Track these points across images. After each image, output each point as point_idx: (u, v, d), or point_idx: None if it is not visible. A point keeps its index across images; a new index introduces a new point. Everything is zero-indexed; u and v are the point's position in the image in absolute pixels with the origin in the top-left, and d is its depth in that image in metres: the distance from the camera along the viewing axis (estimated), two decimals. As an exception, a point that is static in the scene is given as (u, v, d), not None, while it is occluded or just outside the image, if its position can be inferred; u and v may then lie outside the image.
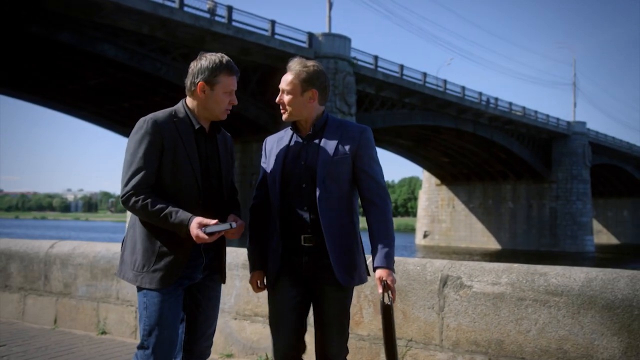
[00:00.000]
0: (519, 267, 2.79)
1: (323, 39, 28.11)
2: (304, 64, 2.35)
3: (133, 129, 2.29)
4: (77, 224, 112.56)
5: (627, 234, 62.37)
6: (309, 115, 2.37)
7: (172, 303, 2.28)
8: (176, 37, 23.79)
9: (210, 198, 2.35)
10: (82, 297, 4.47)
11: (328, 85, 2.41)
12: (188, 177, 2.28)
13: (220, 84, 2.31)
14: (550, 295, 2.60)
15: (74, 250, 4.59)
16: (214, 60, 2.32)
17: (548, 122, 44.68)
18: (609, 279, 2.51)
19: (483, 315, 2.76)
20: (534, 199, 46.78)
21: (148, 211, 2.19)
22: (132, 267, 2.28)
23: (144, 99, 27.95)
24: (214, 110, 2.35)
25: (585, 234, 45.17)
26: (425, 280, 2.96)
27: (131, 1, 21.51)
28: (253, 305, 3.58)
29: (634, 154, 55.83)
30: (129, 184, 2.22)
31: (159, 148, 2.24)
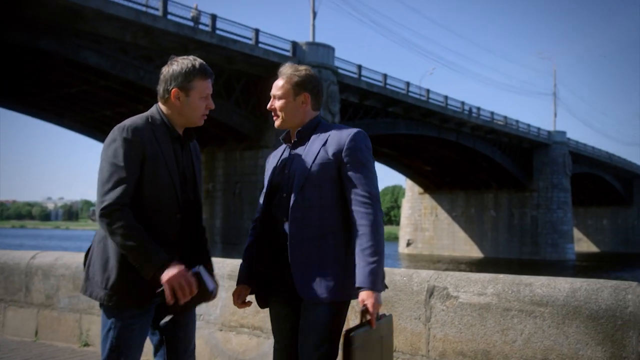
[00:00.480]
0: (504, 277, 2.81)
1: (307, 48, 28.22)
2: (295, 68, 2.29)
3: (110, 136, 2.13)
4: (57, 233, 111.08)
5: (607, 242, 63.20)
6: (301, 121, 2.29)
7: (143, 324, 2.16)
8: (159, 45, 23.70)
9: (187, 211, 2.24)
10: (64, 308, 4.40)
11: (321, 90, 2.34)
12: (168, 189, 2.16)
13: (196, 89, 2.18)
14: (536, 305, 2.62)
15: (56, 261, 4.52)
16: (187, 65, 2.17)
17: (529, 131, 45.23)
18: (593, 289, 2.54)
19: (469, 326, 2.78)
20: (515, 208, 47.24)
21: (127, 235, 2.01)
22: (104, 286, 2.10)
23: (127, 107, 27.76)
24: (190, 116, 2.23)
25: (566, 242, 45.70)
26: (411, 291, 2.96)
27: (113, 8, 21.43)
28: (239, 316, 3.56)
29: (612, 163, 56.69)
30: (110, 196, 2.03)
31: (140, 157, 2.09)
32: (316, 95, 2.31)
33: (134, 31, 22.80)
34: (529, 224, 46.40)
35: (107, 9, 21.11)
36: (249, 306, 2.34)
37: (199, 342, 3.66)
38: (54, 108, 30.91)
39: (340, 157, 2.16)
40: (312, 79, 2.29)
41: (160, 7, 23.25)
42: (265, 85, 29.60)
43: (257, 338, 3.46)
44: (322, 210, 2.15)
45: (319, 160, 2.17)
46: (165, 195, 2.16)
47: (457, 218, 50.23)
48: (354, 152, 2.16)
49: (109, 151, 2.11)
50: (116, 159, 2.08)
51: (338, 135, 2.21)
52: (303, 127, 2.29)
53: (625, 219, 62.84)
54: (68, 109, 30.56)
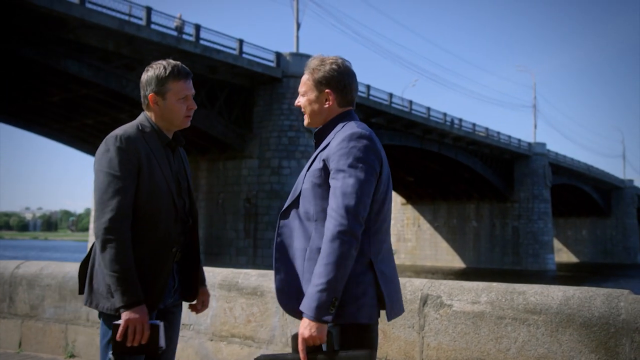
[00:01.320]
0: (498, 285, 2.83)
1: (291, 58, 28.27)
2: (320, 61, 2.09)
3: (102, 146, 2.11)
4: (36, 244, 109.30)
5: (586, 253, 63.94)
6: (325, 120, 2.10)
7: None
8: (142, 55, 23.58)
9: (184, 217, 2.23)
10: (50, 319, 4.33)
11: (349, 84, 2.10)
12: (165, 196, 2.14)
13: (172, 92, 2.17)
14: (530, 313, 2.64)
15: (41, 271, 4.45)
16: (159, 69, 2.17)
17: (510, 143, 45.69)
18: (585, 297, 2.56)
19: (463, 334, 2.79)
20: (497, 218, 47.61)
21: (120, 255, 2.00)
22: (110, 296, 2.05)
23: (109, 116, 27.58)
24: (172, 119, 2.21)
25: (547, 252, 46.11)
26: (405, 300, 2.96)
27: (97, 17, 21.30)
28: (230, 326, 3.53)
29: (591, 174, 57.47)
30: (113, 207, 2.01)
31: (136, 165, 2.08)
32: (342, 90, 2.09)
33: (117, 40, 22.69)
34: (510, 234, 46.77)
35: (90, 18, 20.98)
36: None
37: (189, 352, 3.63)
38: (34, 117, 30.56)
39: (328, 164, 1.96)
40: (337, 73, 2.07)
41: (144, 17, 23.18)
42: (249, 95, 29.75)
43: (249, 348, 3.43)
44: (307, 224, 1.99)
45: (313, 168, 2.02)
46: (163, 203, 2.14)
47: (440, 228, 50.49)
48: (337, 158, 1.94)
49: (103, 161, 2.08)
50: (112, 169, 2.06)
51: (335, 138, 2.00)
52: (320, 128, 2.12)
53: (603, 230, 63.67)
54: (49, 117, 30.23)
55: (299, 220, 2.01)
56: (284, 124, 27.57)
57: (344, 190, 1.89)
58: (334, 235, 1.85)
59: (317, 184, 1.98)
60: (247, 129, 28.08)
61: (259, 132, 27.88)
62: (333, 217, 1.88)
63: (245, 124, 27.94)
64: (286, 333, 3.32)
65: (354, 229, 1.87)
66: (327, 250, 1.85)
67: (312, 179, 2.00)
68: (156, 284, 2.12)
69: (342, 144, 1.96)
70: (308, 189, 2.00)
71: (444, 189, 48.51)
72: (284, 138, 27.46)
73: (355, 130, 2.00)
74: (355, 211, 1.87)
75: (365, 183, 1.93)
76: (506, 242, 46.87)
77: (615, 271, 49.18)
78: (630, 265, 58.46)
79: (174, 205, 2.17)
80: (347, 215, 1.86)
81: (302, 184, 2.05)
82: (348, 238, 1.86)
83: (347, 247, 1.85)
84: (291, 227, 2.03)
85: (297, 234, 2.00)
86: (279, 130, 27.53)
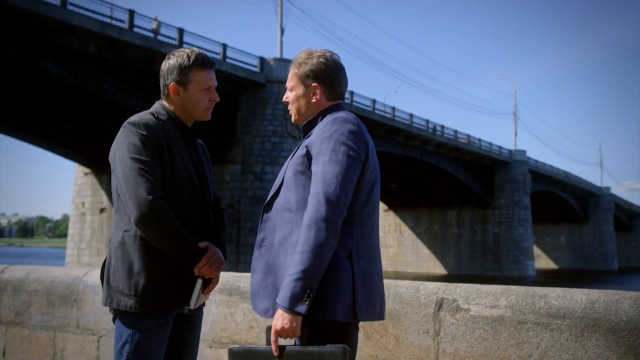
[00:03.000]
0: (517, 289, 2.72)
1: (274, 63, 28.15)
2: (307, 54, 2.01)
3: (121, 134, 2.01)
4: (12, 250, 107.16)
5: (564, 259, 64.68)
6: (314, 114, 2.02)
7: (162, 338, 2.03)
8: (125, 58, 23.31)
9: (206, 210, 2.14)
10: (37, 326, 4.12)
11: (338, 77, 2.01)
12: (188, 185, 2.05)
13: (194, 82, 2.09)
14: (552, 318, 2.53)
15: (27, 276, 4.24)
16: (183, 57, 2.09)
17: (491, 149, 46.07)
18: (611, 301, 2.46)
19: (482, 340, 2.67)
20: (478, 225, 47.90)
21: (175, 230, 1.94)
22: (132, 292, 1.95)
23: (89, 120, 27.14)
24: (193, 111, 2.13)
25: (527, 258, 46.48)
26: (419, 304, 2.84)
27: (78, 19, 20.98)
28: (231, 332, 3.37)
29: (569, 181, 58.20)
30: (150, 190, 1.91)
31: (158, 152, 1.98)
32: (330, 84, 2.00)
33: (98, 43, 22.34)
34: (491, 240, 47.06)
35: (71, 20, 20.64)
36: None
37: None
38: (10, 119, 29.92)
39: (311, 151, 1.87)
40: (325, 66, 1.98)
41: (126, 20, 22.88)
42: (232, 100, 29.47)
43: (251, 355, 3.28)
44: (288, 214, 1.87)
45: (295, 155, 1.93)
46: (186, 192, 2.04)
47: (421, 235, 50.63)
48: (319, 142, 1.84)
49: (125, 148, 1.97)
50: (137, 153, 1.96)
51: (321, 126, 1.91)
52: (307, 121, 2.02)
53: (581, 236, 64.47)
54: (26, 120, 29.61)
55: (280, 212, 1.90)
56: (267, 130, 27.39)
57: (325, 175, 1.78)
58: (311, 222, 1.74)
59: (300, 171, 1.88)
60: (230, 134, 27.83)
61: (242, 137, 27.67)
62: (311, 204, 1.77)
63: (228, 129, 27.68)
64: (293, 340, 3.17)
65: (333, 215, 1.76)
66: (303, 238, 1.74)
67: (294, 167, 1.91)
68: (181, 278, 2.03)
69: (325, 128, 1.87)
70: (290, 178, 1.91)
71: (426, 196, 48.69)
72: (267, 143, 27.28)
73: (339, 115, 1.91)
74: (335, 196, 1.76)
75: (347, 168, 1.81)
76: (487, 249, 47.16)
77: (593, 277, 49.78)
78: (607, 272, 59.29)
79: (197, 194, 2.08)
80: (326, 201, 1.75)
81: (284, 173, 1.95)
82: (326, 225, 1.74)
83: (325, 234, 1.73)
84: (274, 219, 1.92)
85: (279, 227, 1.89)
86: (262, 135, 27.35)
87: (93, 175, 33.54)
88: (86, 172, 33.82)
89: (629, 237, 76.05)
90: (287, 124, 27.31)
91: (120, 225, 2.02)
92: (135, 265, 1.97)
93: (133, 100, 24.06)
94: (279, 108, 27.37)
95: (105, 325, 3.78)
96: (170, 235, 1.94)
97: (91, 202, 33.51)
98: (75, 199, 34.55)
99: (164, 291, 1.97)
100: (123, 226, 2.00)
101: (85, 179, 34.08)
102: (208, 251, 2.04)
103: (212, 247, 2.07)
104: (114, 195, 2.07)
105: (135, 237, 1.97)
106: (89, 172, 33.66)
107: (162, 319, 2.00)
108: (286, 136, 27.43)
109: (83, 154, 32.41)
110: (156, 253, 1.97)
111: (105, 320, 3.78)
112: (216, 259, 2.06)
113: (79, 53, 22.30)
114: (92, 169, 33.38)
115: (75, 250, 33.81)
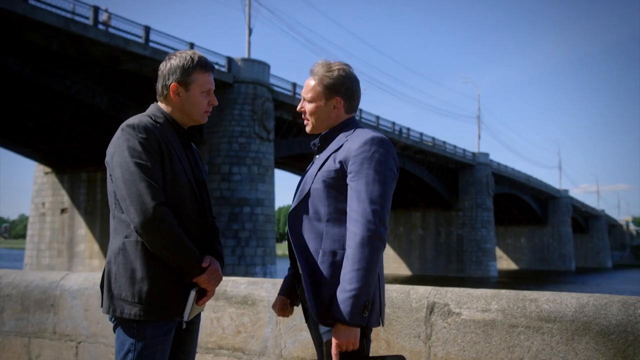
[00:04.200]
0: (507, 293, 2.75)
1: (242, 64, 27.98)
2: (328, 68, 2.07)
3: (119, 137, 1.96)
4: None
5: (525, 260, 66.18)
6: (332, 126, 2.10)
7: (165, 346, 1.98)
8: (89, 55, 22.79)
9: (205, 214, 2.10)
10: (10, 332, 3.99)
11: (356, 91, 2.11)
12: (187, 189, 2.01)
13: (196, 83, 2.06)
14: (543, 321, 2.57)
15: (0, 280, 4.10)
16: (185, 58, 2.07)
17: (455, 152, 46.79)
18: (601, 305, 2.52)
19: (473, 344, 2.69)
20: (442, 227, 48.59)
21: (177, 238, 1.89)
22: (137, 300, 1.90)
23: (51, 118, 26.47)
24: (192, 113, 2.10)
25: (489, 260, 47.36)
26: (410, 308, 2.86)
27: (40, 14, 20.41)
28: (217, 337, 3.33)
29: (530, 184, 59.57)
30: (153, 196, 1.86)
31: (158, 155, 1.94)
32: (350, 97, 2.10)
33: (61, 40, 21.78)
34: (455, 242, 47.80)
35: (33, 15, 20.09)
36: (288, 315, 2.19)
37: (172, 367, 3.39)
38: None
39: (346, 166, 1.94)
40: (346, 80, 2.07)
41: (90, 16, 22.38)
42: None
43: (239, 361, 3.24)
44: (317, 224, 1.96)
45: (325, 168, 1.98)
46: (185, 196, 2.01)
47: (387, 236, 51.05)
48: (360, 161, 1.91)
49: (126, 152, 1.92)
50: (137, 157, 1.91)
51: (353, 140, 1.98)
52: (327, 131, 2.10)
53: (541, 238, 66.07)
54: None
55: (308, 221, 1.99)
56: (234, 130, 27.20)
57: (371, 194, 1.88)
58: (363, 241, 1.84)
59: (330, 184, 1.96)
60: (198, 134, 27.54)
61: (209, 137, 27.40)
62: (361, 223, 1.86)
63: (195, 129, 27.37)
64: (280, 344, 3.15)
65: (382, 233, 1.88)
66: (357, 256, 1.83)
67: (324, 179, 1.98)
68: (183, 283, 1.99)
69: (364, 147, 1.95)
70: (319, 189, 1.98)
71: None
72: (234, 144, 27.08)
73: (376, 135, 1.99)
74: (381, 215, 1.90)
75: (388, 188, 1.94)
76: (451, 250, 47.87)
77: (552, 277, 51.09)
78: (565, 272, 60.92)
79: (196, 199, 2.04)
80: (375, 219, 1.86)
81: (311, 183, 2.01)
82: (378, 243, 1.86)
83: (377, 252, 1.86)
84: (302, 227, 2.00)
85: (308, 235, 1.98)
86: (229, 136, 27.14)
87: (54, 175, 32.73)
88: (47, 172, 32.98)
89: (585, 239, 78.31)
90: (255, 124, 27.17)
91: (119, 231, 1.96)
92: (138, 272, 1.92)
93: (97, 98, 23.56)
94: (246, 109, 27.22)
95: (84, 331, 3.69)
96: (172, 243, 1.89)
97: (52, 202, 32.68)
98: (34, 198, 33.64)
99: (168, 297, 1.93)
100: (123, 232, 1.95)
101: (45, 178, 33.22)
102: (210, 267, 2.01)
103: (214, 262, 2.04)
104: (110, 200, 2.01)
105: (137, 242, 1.92)
106: (50, 172, 32.84)
107: (166, 327, 1.95)
108: (254, 137, 27.28)
109: (44, 153, 31.60)
110: (159, 259, 1.93)
111: (84, 326, 3.69)
112: (217, 275, 2.03)
113: (41, 49, 21.72)
114: (53, 168, 32.57)
115: (35, 251, 32.91)
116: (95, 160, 30.18)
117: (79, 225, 31.35)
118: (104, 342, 3.59)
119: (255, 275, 25.58)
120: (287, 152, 31.84)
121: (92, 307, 3.67)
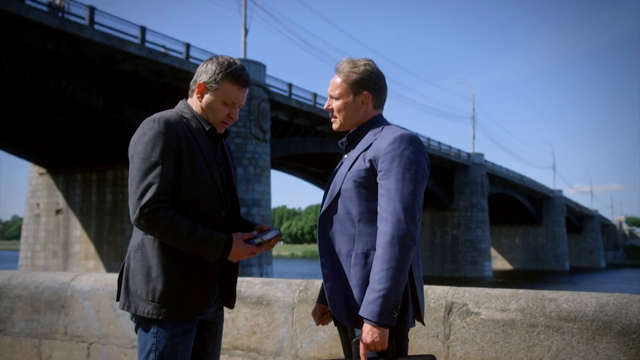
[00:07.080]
0: (526, 292, 2.76)
1: (238, 64, 27.89)
2: (353, 64, 2.05)
3: (138, 131, 1.96)
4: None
5: (519, 260, 66.36)
6: (360, 122, 2.07)
7: (187, 345, 1.96)
8: (84, 55, 22.69)
9: (227, 212, 2.08)
10: (20, 333, 3.96)
11: (384, 86, 2.09)
12: (209, 185, 1.99)
13: (221, 91, 2.05)
14: (563, 321, 2.58)
15: (9, 281, 4.08)
16: (223, 64, 2.05)
17: (450, 153, 46.90)
18: (621, 304, 2.53)
19: (492, 343, 2.70)
20: (437, 227, 48.67)
21: (175, 231, 1.86)
22: (150, 298, 1.90)
23: (46, 119, 26.34)
24: (209, 118, 2.08)
25: (484, 260, 47.48)
26: (428, 308, 2.86)
27: (35, 14, 20.30)
28: (232, 337, 3.32)
29: (524, 184, 59.77)
30: (147, 196, 1.85)
31: (175, 150, 1.93)
32: (378, 92, 2.07)
33: (56, 40, 21.67)
34: (450, 242, 47.91)
35: (28, 15, 19.97)
36: (327, 323, 2.16)
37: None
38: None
39: (377, 164, 1.91)
40: (373, 75, 2.05)
41: (86, 17, 22.29)
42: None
43: (254, 361, 3.24)
44: (352, 224, 1.93)
45: (355, 167, 1.95)
46: (206, 192, 1.99)
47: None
48: (389, 159, 1.88)
49: (139, 147, 1.92)
50: (148, 154, 1.90)
51: (382, 138, 1.95)
52: (355, 129, 2.08)
53: (535, 238, 66.29)
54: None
55: (340, 222, 1.97)
56: (230, 131, 27.14)
57: (402, 193, 1.85)
58: (393, 240, 1.81)
59: (361, 184, 1.95)
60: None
61: (205, 138, 27.31)
62: (391, 221, 1.83)
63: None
64: (295, 344, 3.15)
65: (413, 232, 1.85)
66: (387, 255, 1.80)
67: (354, 179, 1.95)
68: (207, 279, 1.98)
69: (394, 145, 1.92)
70: (350, 189, 1.96)
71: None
72: (230, 145, 26.96)
73: (406, 133, 1.96)
74: (412, 214, 1.86)
75: (420, 187, 1.91)
76: (446, 250, 47.96)
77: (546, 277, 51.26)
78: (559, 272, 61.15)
79: (219, 194, 2.02)
80: (406, 218, 1.83)
81: (341, 184, 1.99)
82: (409, 242, 1.83)
83: (407, 251, 1.82)
84: (333, 229, 1.98)
85: (340, 237, 1.96)
86: (225, 136, 27.07)
87: (49, 176, 32.57)
88: (41, 172, 32.81)
89: (579, 239, 78.67)
90: (251, 125, 27.15)
91: None
92: (154, 270, 1.91)
93: (93, 98, 23.45)
94: (242, 109, 27.17)
95: (96, 332, 3.67)
96: (172, 235, 1.88)
97: (47, 203, 32.52)
98: (29, 199, 33.46)
99: (184, 297, 1.92)
100: None
101: (40, 179, 33.05)
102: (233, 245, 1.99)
103: (236, 238, 2.01)
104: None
105: (155, 240, 1.92)
106: (45, 172, 32.67)
107: (186, 326, 1.94)
108: (250, 137, 27.26)
109: (39, 153, 31.44)
110: (177, 257, 1.92)
111: (95, 327, 3.67)
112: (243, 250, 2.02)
113: (37, 49, 21.61)
114: (48, 169, 32.41)
115: (29, 252, 32.74)
116: (90, 161, 30.07)
117: (74, 226, 31.20)
118: (117, 343, 3.58)
119: (252, 275, 25.53)
120: (283, 153, 31.82)
121: (103, 308, 3.65)
